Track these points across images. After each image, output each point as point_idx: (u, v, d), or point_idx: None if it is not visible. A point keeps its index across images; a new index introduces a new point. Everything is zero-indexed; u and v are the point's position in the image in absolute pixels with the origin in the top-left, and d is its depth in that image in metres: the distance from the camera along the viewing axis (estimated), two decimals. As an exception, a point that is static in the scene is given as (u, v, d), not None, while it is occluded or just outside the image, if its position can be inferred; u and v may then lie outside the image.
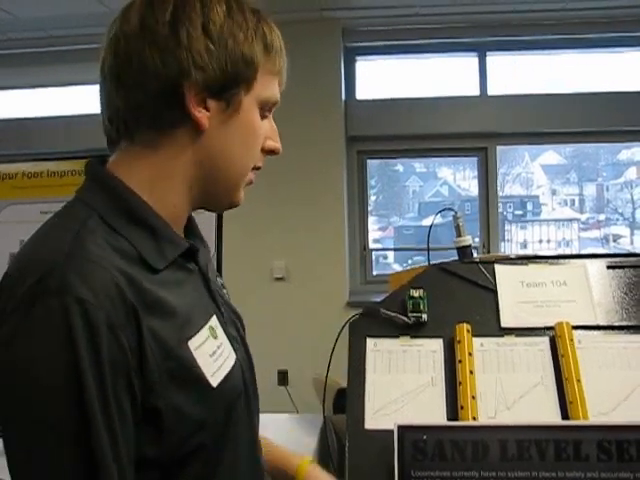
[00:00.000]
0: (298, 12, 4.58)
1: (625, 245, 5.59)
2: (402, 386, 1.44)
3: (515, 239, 5.74)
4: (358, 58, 5.15)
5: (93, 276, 0.85)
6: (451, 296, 1.58)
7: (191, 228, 1.15)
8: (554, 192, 5.95)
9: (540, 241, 5.76)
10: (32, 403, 0.81)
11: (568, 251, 5.61)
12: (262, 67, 1.03)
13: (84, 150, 3.97)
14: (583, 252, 5.11)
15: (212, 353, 0.99)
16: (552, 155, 5.85)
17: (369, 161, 5.25)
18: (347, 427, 1.39)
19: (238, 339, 1.13)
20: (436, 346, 1.49)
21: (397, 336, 1.51)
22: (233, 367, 1.04)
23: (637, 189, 5.68)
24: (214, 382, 0.97)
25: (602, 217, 5.80)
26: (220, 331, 1.05)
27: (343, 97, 4.94)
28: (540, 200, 5.95)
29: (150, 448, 0.89)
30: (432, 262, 1.70)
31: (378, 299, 1.60)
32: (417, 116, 4.91)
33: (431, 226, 1.79)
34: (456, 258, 1.70)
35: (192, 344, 0.95)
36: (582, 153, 5.82)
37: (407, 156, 5.47)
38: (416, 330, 1.51)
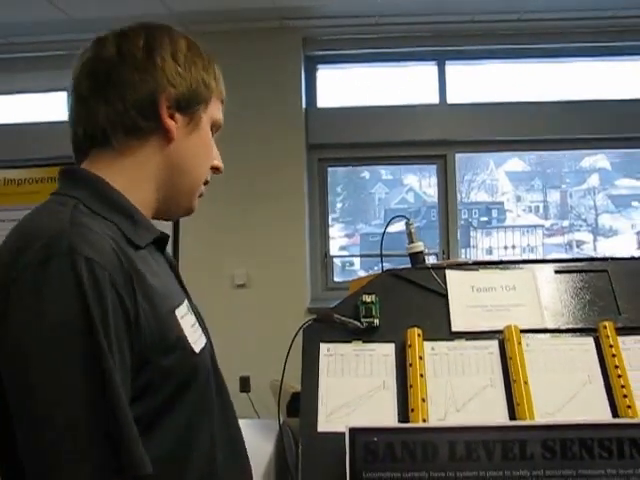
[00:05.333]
0: (259, 21, 4.61)
1: (588, 251, 5.65)
2: (355, 390, 1.46)
3: (480, 245, 5.79)
4: (319, 67, 5.19)
5: (96, 242, 0.99)
6: (403, 301, 1.61)
7: None
8: (519, 199, 6.01)
9: (505, 247, 5.80)
10: (49, 340, 0.93)
11: (533, 257, 5.67)
12: (214, 92, 1.25)
13: (56, 157, 3.94)
14: (547, 257, 5.18)
15: (192, 324, 1.14)
16: (516, 162, 5.91)
17: (336, 169, 5.28)
18: (300, 430, 1.41)
19: (205, 330, 1.24)
20: (388, 350, 1.52)
21: (350, 341, 1.53)
22: (205, 345, 1.18)
23: (599, 196, 5.76)
24: (197, 348, 1.12)
25: (566, 223, 5.87)
26: (192, 315, 1.18)
27: (304, 105, 4.97)
28: (505, 207, 6.01)
29: (136, 404, 0.99)
30: (393, 268, 1.73)
31: (337, 305, 1.63)
32: (377, 124, 4.96)
33: (384, 233, 1.82)
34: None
35: (178, 313, 1.11)
36: (546, 160, 5.88)
37: (367, 164, 5.51)
38: (368, 335, 1.54)
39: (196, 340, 1.13)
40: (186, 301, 1.18)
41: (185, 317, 1.12)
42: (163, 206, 1.22)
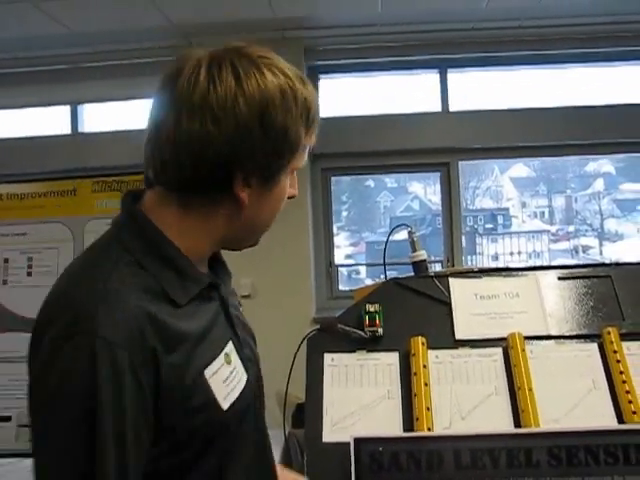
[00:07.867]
0: (259, 32, 4.61)
1: (594, 256, 5.62)
2: (359, 399, 1.46)
3: (486, 252, 5.77)
4: (321, 77, 5.19)
5: (120, 319, 0.94)
6: (406, 310, 1.61)
7: (216, 254, 1.24)
8: (524, 204, 5.99)
9: (511, 253, 5.78)
10: (51, 433, 0.91)
11: (539, 262, 5.66)
12: (301, 144, 1.11)
13: (57, 171, 3.97)
14: (554, 264, 5.17)
15: (225, 379, 1.08)
16: (521, 168, 5.90)
17: (340, 177, 5.28)
18: (305, 441, 1.41)
19: (252, 358, 1.21)
20: (392, 359, 1.52)
21: (354, 350, 1.53)
22: (244, 388, 1.13)
23: (604, 200, 5.76)
24: (225, 405, 1.06)
25: (571, 228, 5.85)
26: (234, 356, 1.13)
27: (306, 115, 4.98)
28: (510, 212, 5.99)
29: (164, 462, 0.99)
30: (396, 277, 1.73)
31: (342, 314, 1.63)
32: (380, 133, 4.95)
33: (387, 242, 1.82)
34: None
35: (208, 372, 1.04)
36: (551, 165, 5.87)
37: (371, 172, 5.50)
38: (372, 344, 1.54)
39: (229, 392, 1.08)
40: (227, 347, 1.12)
41: (218, 373, 1.07)
42: (223, 246, 1.19)
